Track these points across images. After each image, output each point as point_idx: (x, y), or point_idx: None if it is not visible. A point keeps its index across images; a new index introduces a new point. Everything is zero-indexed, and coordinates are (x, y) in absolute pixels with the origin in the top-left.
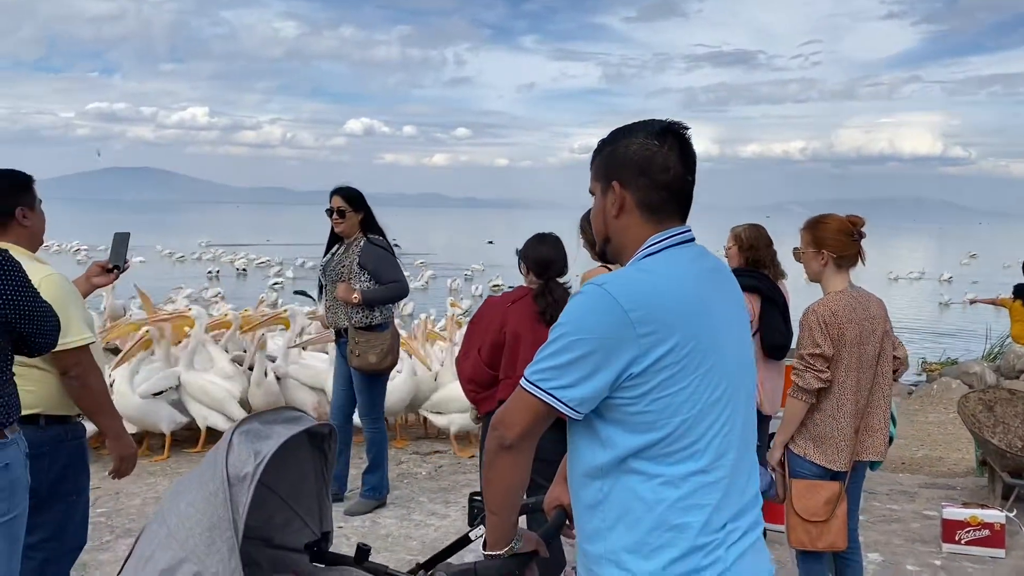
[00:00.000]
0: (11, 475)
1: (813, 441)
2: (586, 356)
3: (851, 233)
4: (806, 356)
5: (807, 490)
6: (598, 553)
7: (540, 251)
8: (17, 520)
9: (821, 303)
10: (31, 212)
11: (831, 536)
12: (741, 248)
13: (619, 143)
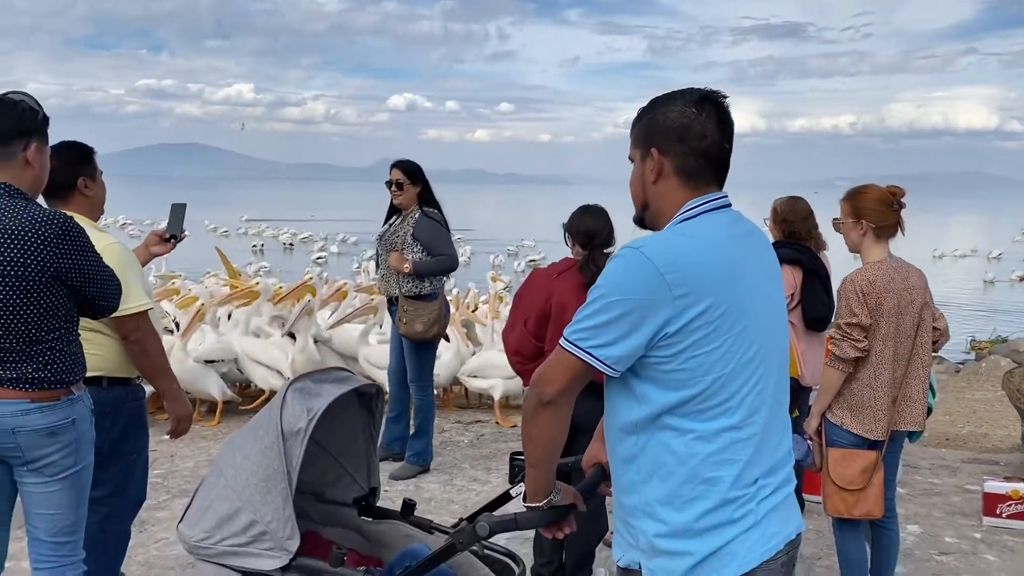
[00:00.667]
0: (78, 430)
1: (850, 410)
2: (623, 316)
3: (891, 203)
4: (843, 326)
5: (843, 459)
6: (633, 505)
7: (585, 222)
8: (84, 472)
9: (859, 273)
10: (92, 183)
11: (867, 504)
12: (775, 221)
13: (658, 111)
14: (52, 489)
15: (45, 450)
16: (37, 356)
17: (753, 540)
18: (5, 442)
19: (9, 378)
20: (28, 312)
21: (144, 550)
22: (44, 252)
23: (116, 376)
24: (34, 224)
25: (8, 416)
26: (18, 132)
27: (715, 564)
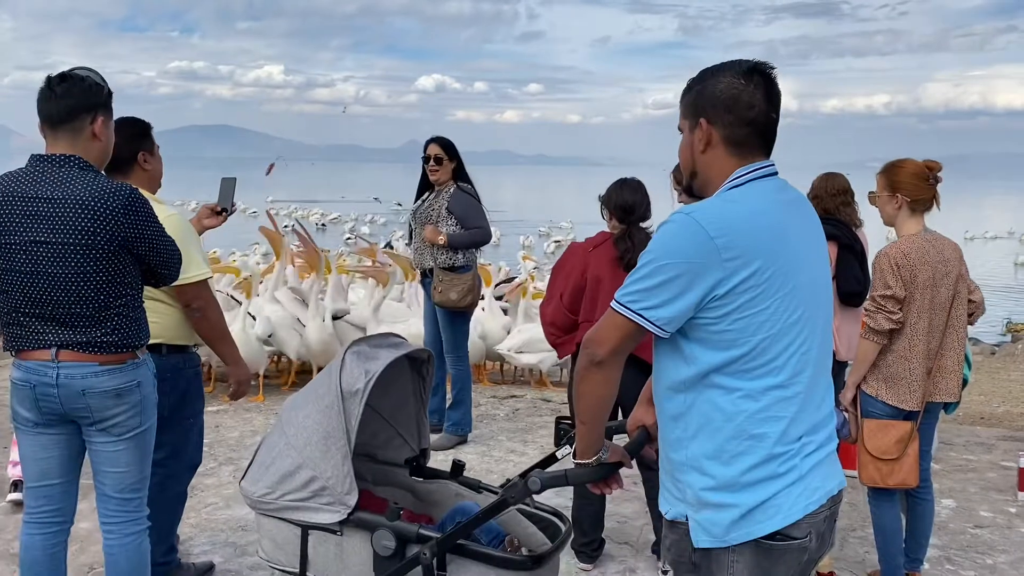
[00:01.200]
0: (143, 392)
1: (885, 382)
2: (673, 279)
3: (926, 177)
4: (877, 298)
5: (879, 429)
6: (681, 460)
7: (622, 196)
8: (148, 433)
9: (893, 246)
10: (151, 156)
11: (902, 474)
12: (809, 197)
13: (707, 82)
14: (118, 448)
15: (112, 411)
16: (106, 321)
17: (797, 494)
18: (75, 403)
19: (80, 342)
20: (98, 279)
21: (195, 514)
22: (113, 222)
23: (174, 344)
24: (103, 195)
25: (79, 378)
26: (86, 107)
27: (760, 516)
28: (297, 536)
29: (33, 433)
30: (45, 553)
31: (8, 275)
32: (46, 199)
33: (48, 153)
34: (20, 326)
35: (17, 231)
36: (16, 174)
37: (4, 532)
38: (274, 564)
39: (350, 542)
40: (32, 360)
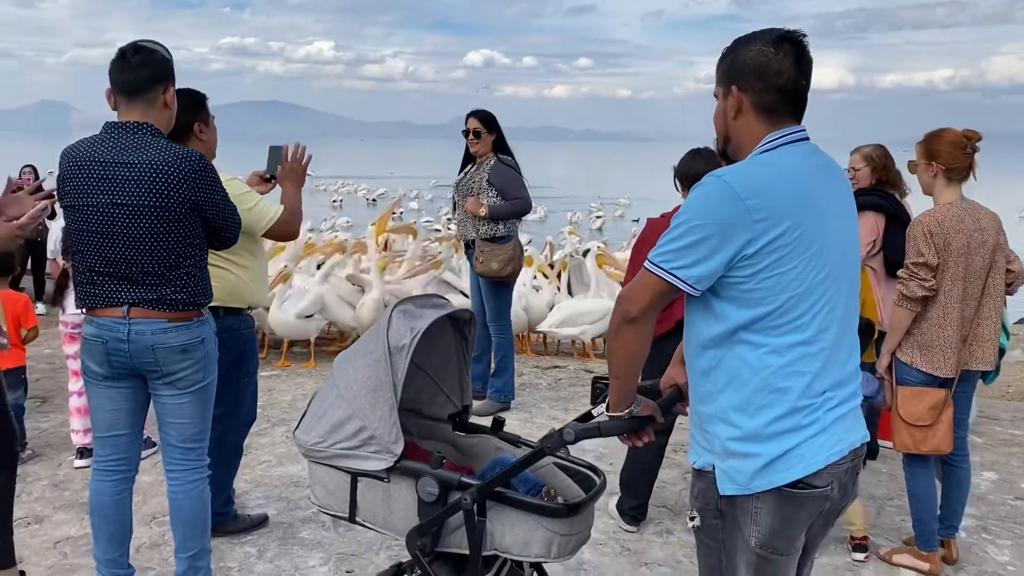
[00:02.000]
0: (206, 348)
1: (919, 349)
2: (704, 239)
3: (964, 146)
4: (910, 265)
5: (913, 396)
6: (709, 412)
7: (695, 165)
8: (210, 387)
9: (928, 214)
10: (206, 127)
11: (935, 440)
12: (875, 168)
13: (739, 51)
14: (183, 401)
15: (178, 365)
16: (175, 280)
17: (819, 445)
18: (144, 358)
19: (150, 299)
20: (169, 240)
21: (250, 471)
22: (185, 186)
23: (231, 307)
24: (177, 160)
25: (148, 334)
26: (159, 77)
27: (783, 465)
28: (347, 483)
29: (103, 387)
30: (113, 499)
31: (85, 235)
32: (123, 164)
33: (122, 120)
34: (94, 284)
35: (95, 193)
36: (93, 140)
37: (73, 483)
38: (325, 509)
39: (396, 488)
40: (105, 317)
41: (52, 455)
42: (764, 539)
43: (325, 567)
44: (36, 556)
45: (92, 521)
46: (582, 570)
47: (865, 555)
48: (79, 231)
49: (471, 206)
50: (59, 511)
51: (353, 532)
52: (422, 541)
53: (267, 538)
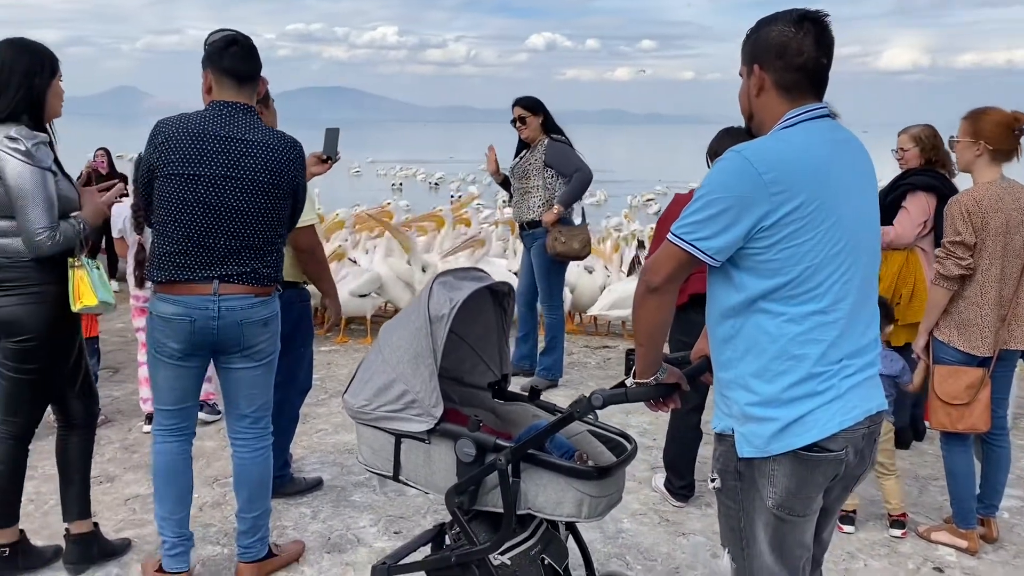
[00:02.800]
0: (278, 323)
1: (957, 328)
2: (724, 212)
3: (1012, 128)
4: (947, 244)
5: (949, 375)
6: (729, 379)
7: (724, 144)
8: (277, 358)
9: (966, 193)
10: (266, 109)
11: (972, 419)
12: (924, 149)
13: (761, 30)
14: (256, 373)
15: (259, 338)
16: (267, 255)
17: (834, 410)
18: (231, 332)
19: (242, 273)
20: (272, 216)
21: (307, 438)
22: (292, 167)
23: (288, 280)
24: (288, 142)
25: (239, 310)
26: (260, 67)
27: (798, 429)
28: (391, 443)
29: (175, 365)
30: (180, 457)
31: (188, 205)
32: (239, 139)
33: (230, 100)
34: (185, 255)
35: (208, 164)
36: (202, 115)
37: (142, 447)
38: (371, 468)
39: (437, 449)
40: (191, 295)
41: (123, 421)
42: (781, 500)
43: (375, 528)
44: (108, 511)
45: (157, 484)
46: (620, 538)
47: (902, 531)
48: (179, 200)
49: (548, 218)
50: (129, 471)
51: (402, 497)
52: (460, 499)
53: (321, 500)
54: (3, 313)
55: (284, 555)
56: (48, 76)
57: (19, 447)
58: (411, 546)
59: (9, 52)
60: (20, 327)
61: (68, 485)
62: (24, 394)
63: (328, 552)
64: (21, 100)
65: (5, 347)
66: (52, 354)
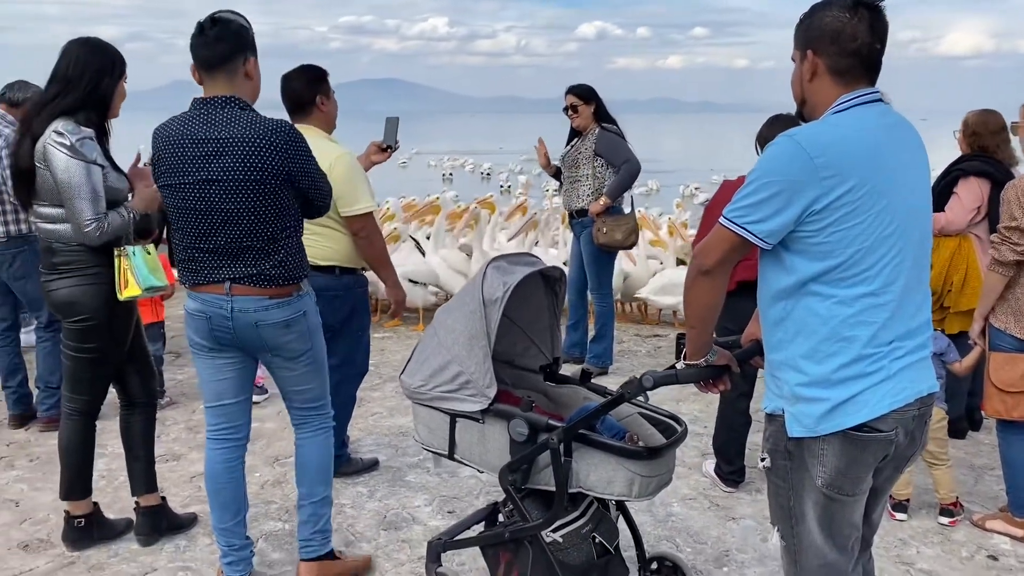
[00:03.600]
0: (308, 321)
1: (1014, 315)
2: (775, 195)
3: None
4: (1002, 229)
5: (1006, 362)
6: (780, 360)
7: (774, 130)
8: (318, 353)
9: (1023, 178)
10: (327, 100)
11: None
12: (965, 134)
13: (815, 16)
14: (295, 372)
15: (283, 339)
16: (273, 254)
17: (884, 391)
18: (248, 334)
19: (250, 275)
20: (266, 213)
21: (363, 421)
22: (277, 157)
23: (346, 266)
24: (267, 132)
25: (251, 311)
26: (238, 48)
27: (848, 409)
28: (446, 423)
29: (208, 357)
30: (225, 467)
31: (183, 213)
32: (214, 140)
33: (208, 96)
34: (194, 261)
35: (189, 171)
36: (183, 118)
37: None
38: (428, 447)
39: (490, 429)
40: (208, 293)
41: (186, 403)
42: (830, 479)
43: (429, 508)
44: (175, 488)
45: (207, 488)
46: (670, 521)
47: (952, 520)
48: (176, 209)
49: (595, 209)
50: (193, 451)
51: (456, 478)
52: (513, 477)
53: (377, 480)
54: (62, 295)
55: (348, 561)
56: (116, 77)
57: (87, 422)
58: (465, 524)
59: (83, 51)
60: (78, 308)
61: (134, 461)
62: (86, 372)
63: (384, 529)
64: (88, 97)
65: (65, 327)
66: (110, 333)
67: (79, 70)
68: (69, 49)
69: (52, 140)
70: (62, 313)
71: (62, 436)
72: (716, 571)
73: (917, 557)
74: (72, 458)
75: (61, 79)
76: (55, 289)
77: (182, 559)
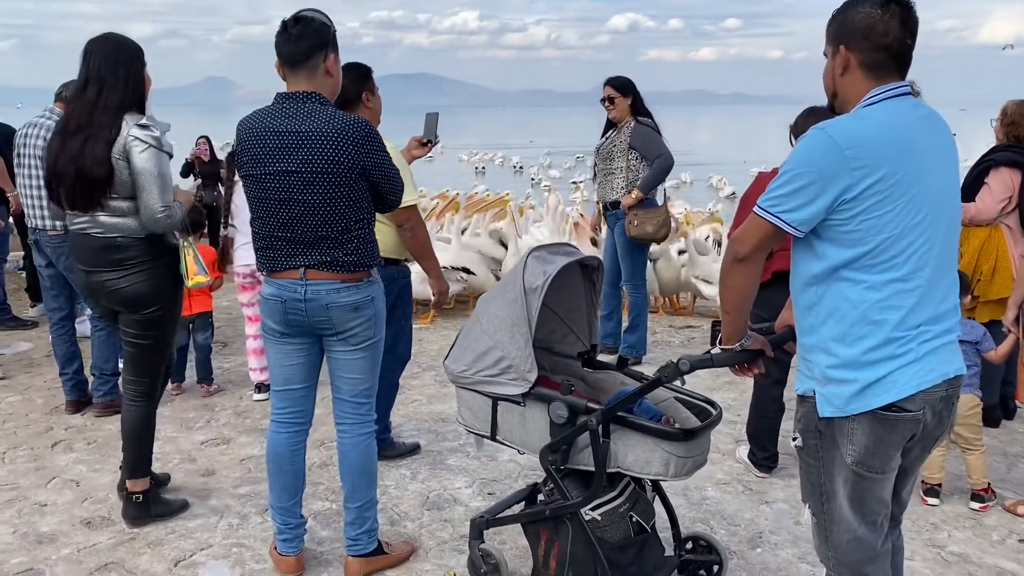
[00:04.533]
0: (376, 307)
1: None
2: (808, 186)
3: None
4: None
5: None
6: (811, 343)
7: (810, 123)
8: (379, 344)
9: None
10: (372, 96)
11: None
12: (1002, 123)
13: (848, 12)
14: (355, 357)
15: (351, 323)
16: (347, 243)
17: (912, 373)
18: (319, 315)
19: (324, 262)
20: (342, 204)
21: (404, 407)
22: (354, 151)
23: (390, 257)
24: (346, 127)
25: (324, 294)
26: (319, 45)
27: (877, 390)
28: (489, 406)
29: (280, 343)
30: (288, 449)
31: (263, 203)
32: (295, 132)
33: (290, 91)
34: (273, 249)
35: (270, 162)
36: (265, 112)
37: (253, 412)
38: (471, 429)
39: (531, 412)
40: (283, 278)
41: (234, 389)
42: (860, 457)
43: (469, 489)
44: (226, 470)
45: (268, 469)
46: (704, 504)
47: (983, 505)
48: (258, 199)
49: (627, 202)
50: (242, 435)
51: (495, 462)
52: (553, 457)
53: (419, 463)
54: (133, 290)
55: (394, 554)
56: (143, 66)
57: (150, 403)
58: (506, 503)
59: (110, 47)
60: (149, 300)
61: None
62: (150, 357)
63: (428, 509)
64: (129, 90)
65: (130, 319)
66: (171, 320)
67: (112, 66)
68: (94, 49)
69: (137, 134)
70: (131, 307)
71: (126, 419)
72: (750, 552)
73: (948, 540)
74: (136, 440)
75: (97, 78)
76: (123, 286)
77: (236, 536)
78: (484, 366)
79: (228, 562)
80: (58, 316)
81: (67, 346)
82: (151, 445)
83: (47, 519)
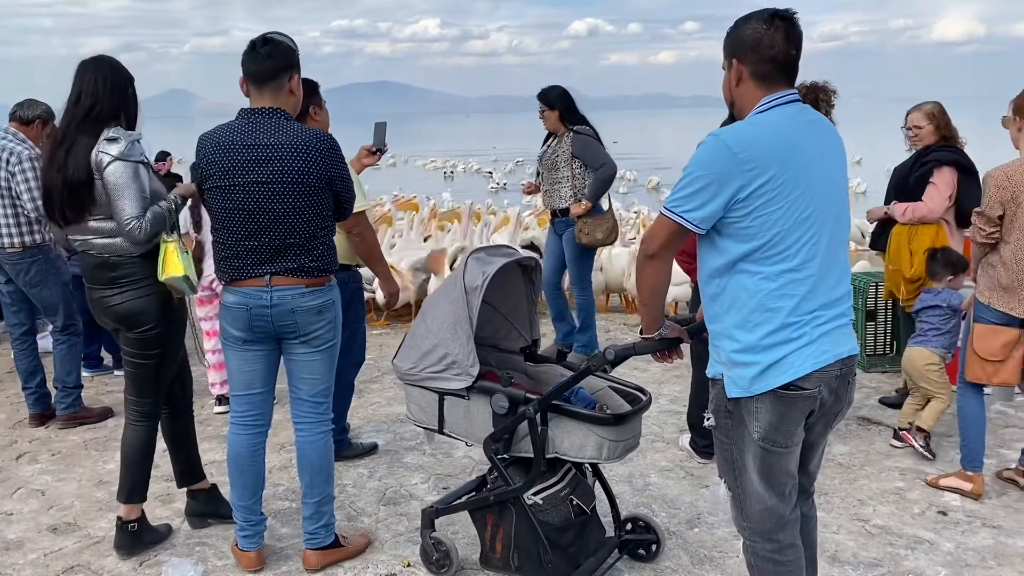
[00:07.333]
0: (335, 310)
1: (996, 291)
2: (706, 187)
3: None
4: (975, 212)
5: (988, 334)
6: (717, 330)
7: None
8: (336, 347)
9: (998, 168)
10: (319, 110)
11: (1005, 374)
12: (937, 126)
13: (739, 28)
14: (315, 359)
15: (314, 325)
16: (313, 250)
17: (807, 354)
18: (285, 320)
19: (291, 268)
20: (309, 213)
21: (363, 410)
22: (321, 162)
23: (342, 263)
24: (313, 140)
25: (289, 299)
26: (285, 67)
27: (776, 371)
28: (435, 401)
29: (241, 349)
30: (249, 451)
31: (230, 213)
32: (264, 145)
33: (255, 107)
34: (238, 258)
35: (240, 174)
36: (231, 126)
37: (214, 422)
38: (419, 423)
39: (475, 404)
40: (248, 286)
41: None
42: (765, 433)
43: (425, 485)
44: None
45: (229, 470)
46: (647, 490)
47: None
48: (224, 210)
49: (576, 210)
50: (203, 442)
51: (450, 458)
52: (496, 446)
53: (377, 462)
54: (127, 308)
55: (350, 547)
56: (134, 89)
57: (150, 425)
58: (456, 494)
59: (104, 67)
60: (145, 318)
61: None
62: (150, 377)
63: (384, 505)
64: (121, 105)
65: (128, 337)
66: (170, 338)
67: (108, 84)
68: (90, 67)
69: (103, 148)
70: (127, 324)
71: (125, 440)
72: (688, 532)
73: (873, 515)
74: (136, 462)
75: (91, 93)
76: (118, 303)
77: (198, 535)
78: (430, 363)
79: (191, 560)
80: (19, 331)
81: (29, 360)
82: (148, 470)
83: (13, 527)
